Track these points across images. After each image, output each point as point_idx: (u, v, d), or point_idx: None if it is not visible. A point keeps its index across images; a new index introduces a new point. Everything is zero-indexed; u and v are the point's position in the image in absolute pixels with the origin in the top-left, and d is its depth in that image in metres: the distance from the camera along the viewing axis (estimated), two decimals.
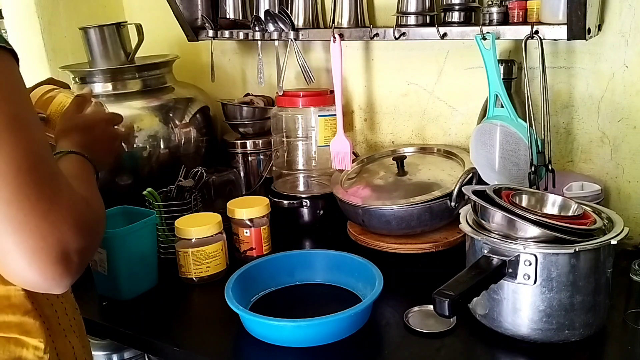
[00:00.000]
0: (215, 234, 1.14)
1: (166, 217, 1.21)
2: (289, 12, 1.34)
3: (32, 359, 0.69)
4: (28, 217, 0.57)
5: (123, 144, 1.13)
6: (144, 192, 1.21)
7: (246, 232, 1.20)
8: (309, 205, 1.33)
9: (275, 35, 1.35)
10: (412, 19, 1.21)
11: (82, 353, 0.77)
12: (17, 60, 0.64)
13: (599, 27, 1.12)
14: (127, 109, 1.39)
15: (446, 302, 0.77)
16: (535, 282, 0.85)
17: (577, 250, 0.82)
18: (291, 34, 1.33)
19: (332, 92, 1.35)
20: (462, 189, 1.02)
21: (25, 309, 0.69)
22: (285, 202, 1.34)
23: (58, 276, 0.61)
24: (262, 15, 1.36)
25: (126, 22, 1.46)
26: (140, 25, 1.44)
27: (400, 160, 1.26)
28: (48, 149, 0.63)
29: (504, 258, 0.85)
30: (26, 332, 0.69)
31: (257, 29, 1.38)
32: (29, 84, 1.73)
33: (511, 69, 1.16)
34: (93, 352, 1.43)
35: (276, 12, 1.34)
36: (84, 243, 0.62)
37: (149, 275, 1.13)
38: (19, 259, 0.57)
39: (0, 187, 0.56)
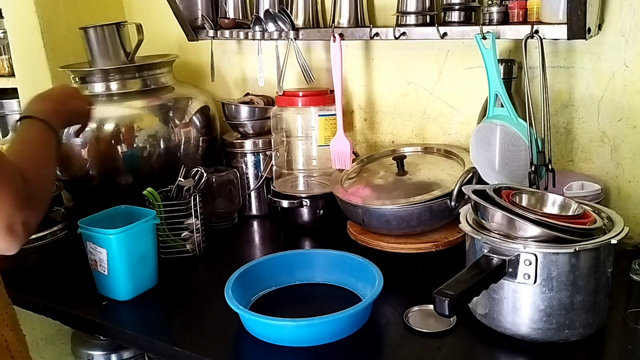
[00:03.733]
0: None
1: (166, 217, 1.21)
2: (289, 11, 1.34)
3: None
4: None
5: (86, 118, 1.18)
6: (144, 192, 1.21)
7: None
8: (309, 205, 1.33)
9: (275, 35, 1.35)
10: (412, 19, 1.21)
11: (17, 346, 0.83)
12: None
13: (599, 27, 1.12)
14: (127, 109, 1.39)
15: (446, 301, 0.77)
16: (535, 282, 0.85)
17: (577, 249, 0.82)
18: (291, 34, 1.33)
19: (332, 91, 1.35)
20: (462, 188, 1.02)
21: None
22: (285, 202, 1.33)
23: (8, 245, 0.75)
24: (262, 15, 1.36)
25: (126, 22, 1.46)
26: (140, 25, 1.44)
27: (400, 160, 1.26)
28: None
29: (504, 257, 0.85)
30: None
31: (257, 28, 1.38)
32: (29, 84, 1.74)
33: (511, 69, 1.16)
34: (93, 352, 1.44)
35: (276, 11, 1.34)
36: (25, 215, 0.75)
37: (149, 275, 1.13)
38: None
39: None
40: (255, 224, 1.46)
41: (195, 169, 1.30)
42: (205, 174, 1.29)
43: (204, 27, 1.49)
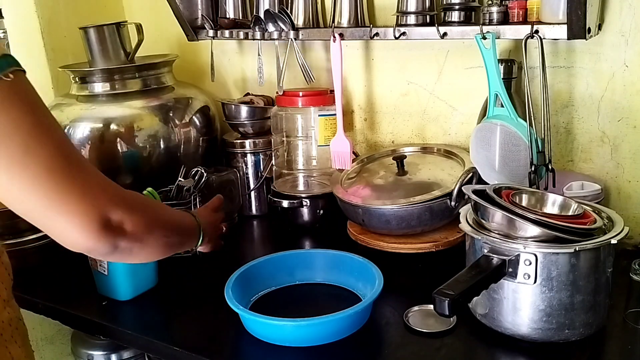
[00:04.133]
0: None
1: None
2: (289, 11, 1.34)
3: None
4: (69, 203, 0.70)
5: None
6: (144, 192, 1.20)
7: None
8: (309, 205, 1.33)
9: (275, 35, 1.35)
10: (412, 19, 1.21)
11: None
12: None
13: (599, 27, 1.12)
14: (127, 109, 1.39)
15: (446, 301, 0.77)
16: (535, 282, 0.85)
17: (577, 249, 0.82)
18: (291, 34, 1.33)
19: (332, 91, 1.35)
20: (462, 188, 1.02)
21: None
22: (285, 202, 1.33)
23: (103, 239, 0.73)
24: (262, 15, 1.36)
25: (126, 21, 1.46)
26: (140, 25, 1.44)
27: (400, 160, 1.26)
28: (70, 145, 0.74)
29: (504, 257, 0.85)
30: None
31: (257, 28, 1.38)
32: None
33: (511, 69, 1.16)
34: (93, 352, 1.44)
35: (276, 11, 1.34)
36: (121, 214, 0.74)
37: (149, 275, 1.13)
38: (73, 233, 0.71)
39: (42, 185, 0.69)
40: (255, 224, 1.46)
41: (196, 168, 1.30)
42: (205, 174, 1.28)
43: (204, 27, 1.49)
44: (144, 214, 0.80)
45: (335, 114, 1.33)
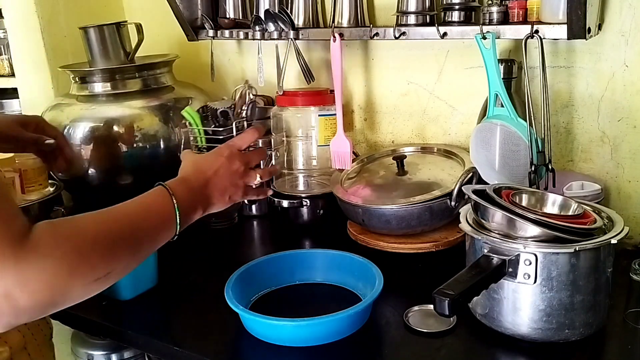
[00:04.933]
0: None
1: (207, 141, 1.13)
2: (289, 11, 1.34)
3: None
4: None
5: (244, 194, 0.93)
6: (182, 112, 1.12)
7: None
8: (309, 205, 1.33)
9: (275, 35, 1.35)
10: (412, 19, 1.21)
11: None
12: None
13: (599, 27, 1.12)
14: (127, 109, 1.39)
15: (446, 301, 0.77)
16: (535, 282, 0.84)
17: (577, 249, 0.82)
18: (291, 34, 1.33)
19: (332, 91, 1.35)
20: (462, 188, 1.02)
21: None
22: (285, 202, 1.33)
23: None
24: (262, 15, 1.36)
25: (126, 21, 1.46)
26: (140, 25, 1.44)
27: (400, 159, 1.26)
28: None
29: (504, 257, 0.85)
30: None
31: (257, 28, 1.38)
32: (29, 84, 1.74)
33: (511, 69, 1.16)
34: (93, 352, 1.44)
35: (276, 11, 1.34)
36: (9, 278, 0.56)
37: (149, 275, 1.13)
38: None
39: None
40: (255, 224, 1.46)
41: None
42: (254, 96, 1.15)
43: (204, 27, 1.49)
44: (54, 256, 0.60)
45: (335, 114, 1.33)
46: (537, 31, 1.06)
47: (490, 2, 1.16)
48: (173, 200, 0.78)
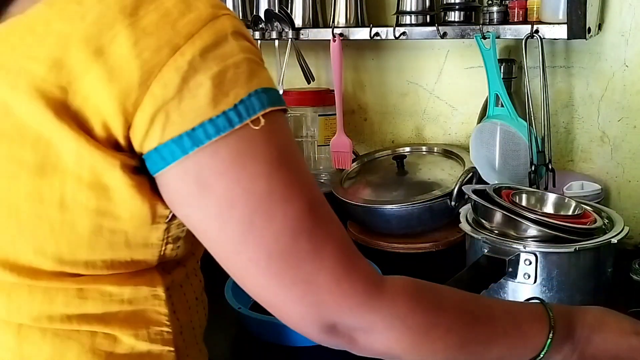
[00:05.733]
0: None
1: None
2: (289, 11, 1.34)
3: None
4: (283, 302, 0.55)
5: None
6: None
7: None
8: None
9: (275, 35, 1.35)
10: (412, 19, 1.21)
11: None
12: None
13: (599, 27, 1.12)
14: None
15: None
16: (535, 281, 0.84)
17: (577, 249, 0.82)
18: (291, 34, 1.33)
19: (332, 91, 1.35)
20: (462, 188, 1.02)
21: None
22: None
23: (327, 340, 0.59)
24: (262, 15, 1.36)
25: None
26: None
27: (400, 159, 1.26)
28: (310, 218, 0.55)
29: (504, 257, 0.85)
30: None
31: (256, 28, 1.38)
32: None
33: (511, 68, 1.16)
34: None
35: (276, 11, 1.34)
36: (355, 321, 0.56)
37: None
38: (292, 325, 0.58)
39: (255, 274, 0.53)
40: None
41: None
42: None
43: None
44: (405, 322, 0.56)
45: (335, 114, 1.33)
46: (537, 31, 1.06)
47: (490, 2, 1.16)
48: (550, 333, 0.60)
